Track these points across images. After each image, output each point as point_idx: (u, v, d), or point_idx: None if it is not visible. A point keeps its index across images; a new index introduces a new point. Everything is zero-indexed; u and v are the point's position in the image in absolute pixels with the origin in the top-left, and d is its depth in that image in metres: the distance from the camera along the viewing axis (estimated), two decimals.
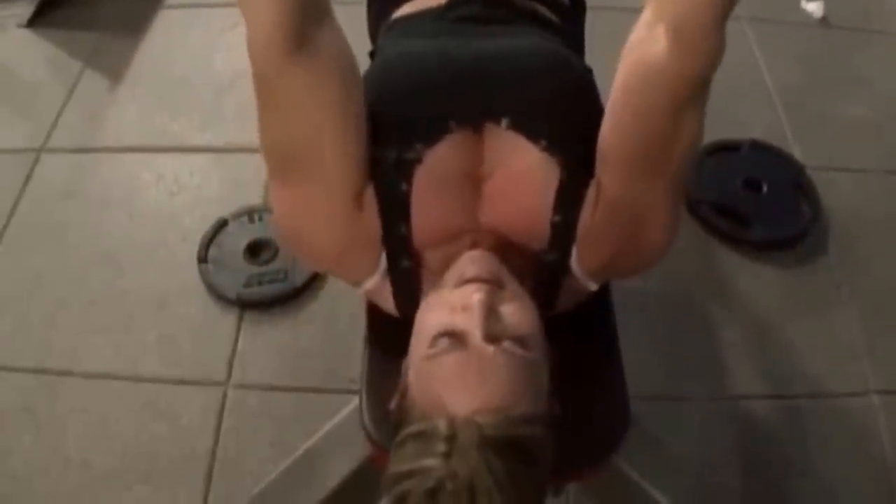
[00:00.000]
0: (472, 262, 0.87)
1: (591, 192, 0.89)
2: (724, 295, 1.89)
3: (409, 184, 0.88)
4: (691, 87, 0.78)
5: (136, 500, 1.53)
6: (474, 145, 0.90)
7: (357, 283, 0.97)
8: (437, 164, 0.89)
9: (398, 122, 0.90)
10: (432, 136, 0.88)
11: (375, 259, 0.93)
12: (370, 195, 0.89)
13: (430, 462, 0.72)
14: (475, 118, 0.89)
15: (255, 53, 0.79)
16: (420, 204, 0.89)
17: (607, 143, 0.87)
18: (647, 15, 0.79)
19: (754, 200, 2.01)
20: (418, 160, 0.88)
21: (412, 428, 0.77)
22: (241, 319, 1.79)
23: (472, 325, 0.79)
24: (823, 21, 2.51)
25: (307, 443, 1.26)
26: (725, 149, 2.07)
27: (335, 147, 0.85)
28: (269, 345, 1.75)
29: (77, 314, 1.79)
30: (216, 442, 1.61)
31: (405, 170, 0.88)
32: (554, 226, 0.90)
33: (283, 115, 0.83)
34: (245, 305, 1.80)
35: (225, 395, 1.67)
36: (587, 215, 0.90)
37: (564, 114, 0.91)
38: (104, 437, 1.61)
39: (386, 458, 0.79)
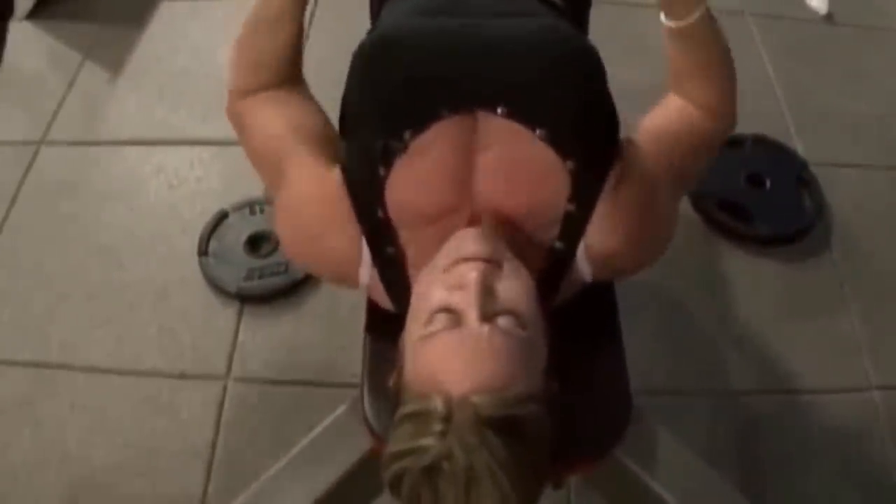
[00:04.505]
0: (467, 239, 0.86)
1: (610, 180, 0.89)
2: (727, 290, 1.88)
3: (389, 168, 0.88)
4: (722, 140, 1.04)
5: (136, 494, 1.53)
6: (466, 128, 0.88)
7: (353, 284, 0.96)
8: (424, 148, 0.88)
9: (387, 108, 0.89)
10: (422, 122, 0.87)
11: (357, 247, 0.92)
12: (340, 181, 0.91)
13: (427, 441, 0.72)
14: (469, 105, 0.88)
15: (231, 105, 1.03)
16: (401, 185, 0.88)
17: (646, 154, 0.94)
18: (681, 101, 1.01)
19: (757, 196, 2.01)
20: (404, 148, 0.87)
21: (408, 408, 0.77)
22: (241, 313, 1.78)
23: (467, 304, 0.78)
24: (828, 17, 2.51)
25: (308, 436, 1.25)
26: (729, 144, 2.05)
27: (299, 140, 0.96)
28: (269, 338, 1.75)
29: (77, 308, 1.79)
30: (216, 436, 1.60)
31: (387, 157, 0.88)
32: (568, 215, 0.89)
33: (253, 133, 1.01)
34: (245, 299, 1.79)
35: (225, 389, 1.67)
36: (605, 203, 0.89)
37: (565, 98, 0.89)
38: (104, 431, 1.61)
39: None
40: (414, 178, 0.89)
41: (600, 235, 0.90)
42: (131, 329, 1.75)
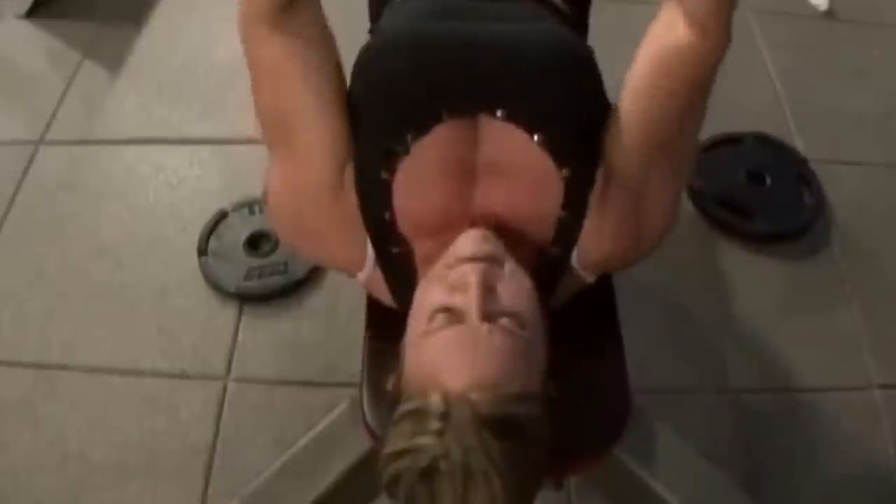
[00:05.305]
0: (468, 239, 0.86)
1: (597, 185, 0.89)
2: (727, 288, 1.88)
3: (392, 172, 0.88)
4: (708, 72, 0.87)
5: (136, 494, 1.53)
6: (468, 131, 0.89)
7: (351, 274, 0.97)
8: (426, 151, 0.88)
9: (389, 112, 0.90)
10: (424, 126, 0.88)
11: (362, 245, 0.92)
12: (351, 179, 0.90)
13: (424, 440, 0.72)
14: (469, 108, 0.88)
15: (243, 25, 0.88)
16: (405, 190, 0.89)
17: (628, 127, 0.88)
18: (668, 14, 0.86)
19: (757, 193, 2.00)
20: (406, 152, 0.88)
21: (407, 406, 0.77)
22: (241, 312, 1.78)
23: (469, 304, 0.79)
24: (829, 13, 2.50)
25: (307, 436, 1.25)
26: (729, 141, 2.06)
27: (316, 117, 0.89)
28: (269, 338, 1.74)
29: (76, 307, 1.78)
30: (216, 435, 1.60)
31: (390, 160, 0.88)
32: (561, 221, 0.90)
33: (268, 83, 0.90)
34: (245, 298, 1.79)
35: (225, 389, 1.67)
36: (594, 208, 0.89)
37: (564, 105, 0.90)
38: (103, 430, 1.61)
39: None
40: (417, 182, 0.89)
41: (593, 240, 0.91)
42: (131, 329, 1.75)
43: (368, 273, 0.95)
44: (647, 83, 0.87)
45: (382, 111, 0.90)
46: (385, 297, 0.98)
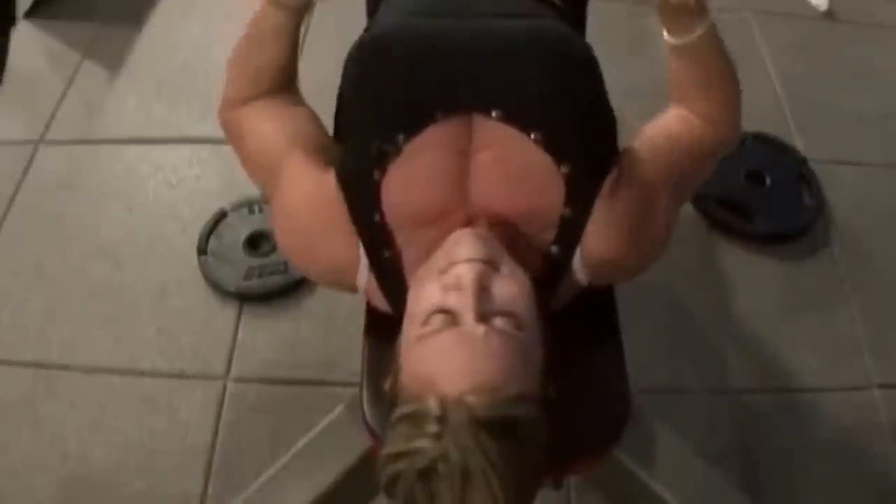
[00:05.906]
0: (463, 240, 0.85)
1: (606, 186, 0.89)
2: (727, 288, 1.88)
3: (383, 172, 0.88)
4: (727, 148, 1.02)
5: (135, 494, 1.53)
6: (461, 130, 0.88)
7: (351, 289, 0.97)
8: (418, 151, 0.88)
9: (381, 112, 0.89)
10: (416, 126, 0.87)
11: (355, 252, 0.92)
12: (335, 185, 0.90)
13: (422, 443, 0.72)
14: (463, 109, 0.88)
15: (220, 113, 1.02)
16: (396, 187, 0.88)
17: (650, 149, 0.95)
18: (683, 111, 0.98)
19: (757, 193, 2.01)
20: (397, 152, 0.87)
21: (404, 409, 0.77)
22: (240, 312, 1.78)
23: (464, 305, 0.78)
24: (829, 13, 2.50)
25: (307, 436, 1.25)
26: None
27: (292, 162, 0.94)
28: (268, 337, 1.74)
29: (76, 307, 1.79)
30: (215, 435, 1.60)
31: (381, 160, 0.88)
32: (563, 219, 0.89)
33: (246, 144, 0.99)
34: (245, 298, 1.79)
35: (224, 389, 1.67)
36: (602, 209, 0.89)
37: (561, 104, 0.89)
38: (103, 431, 1.61)
39: None
40: (409, 181, 0.88)
41: (596, 241, 0.90)
42: (131, 329, 1.75)
43: (365, 283, 0.95)
44: (668, 141, 0.96)
45: (374, 111, 0.90)
46: (383, 304, 0.98)
